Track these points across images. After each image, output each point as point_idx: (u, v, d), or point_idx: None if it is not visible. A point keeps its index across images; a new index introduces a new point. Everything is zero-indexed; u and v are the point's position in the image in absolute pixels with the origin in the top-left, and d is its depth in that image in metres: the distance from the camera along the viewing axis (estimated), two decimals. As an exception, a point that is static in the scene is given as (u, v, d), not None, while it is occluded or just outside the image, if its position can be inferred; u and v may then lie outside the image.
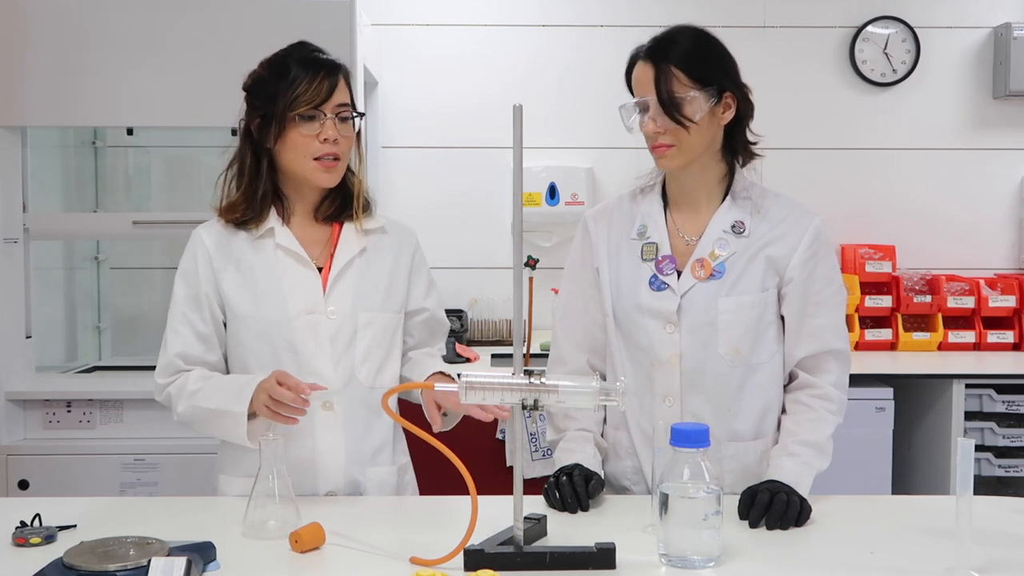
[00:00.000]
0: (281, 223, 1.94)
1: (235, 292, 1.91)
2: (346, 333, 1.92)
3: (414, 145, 4.01)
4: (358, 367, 1.93)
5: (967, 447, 1.39)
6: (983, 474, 3.36)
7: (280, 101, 1.86)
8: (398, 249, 2.02)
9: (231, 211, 1.94)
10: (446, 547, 1.49)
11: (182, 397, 1.88)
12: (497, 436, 3.35)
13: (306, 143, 1.88)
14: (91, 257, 3.78)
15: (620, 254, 1.95)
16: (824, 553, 1.57)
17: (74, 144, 3.70)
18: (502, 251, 3.98)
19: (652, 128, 1.84)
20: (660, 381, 1.89)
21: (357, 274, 1.95)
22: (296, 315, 1.90)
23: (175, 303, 1.93)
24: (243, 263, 1.92)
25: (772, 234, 1.90)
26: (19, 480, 3.06)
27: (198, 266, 1.92)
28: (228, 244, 1.93)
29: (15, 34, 3.07)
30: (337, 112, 1.89)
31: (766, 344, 1.90)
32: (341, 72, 1.92)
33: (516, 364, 1.50)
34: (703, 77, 1.83)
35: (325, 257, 1.96)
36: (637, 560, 1.50)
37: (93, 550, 1.46)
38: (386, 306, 1.97)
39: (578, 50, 3.95)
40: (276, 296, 1.90)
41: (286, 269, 1.92)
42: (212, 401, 1.84)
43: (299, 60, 1.89)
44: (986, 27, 3.99)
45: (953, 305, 3.78)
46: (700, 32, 1.88)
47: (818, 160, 4.01)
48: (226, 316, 1.93)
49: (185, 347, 1.91)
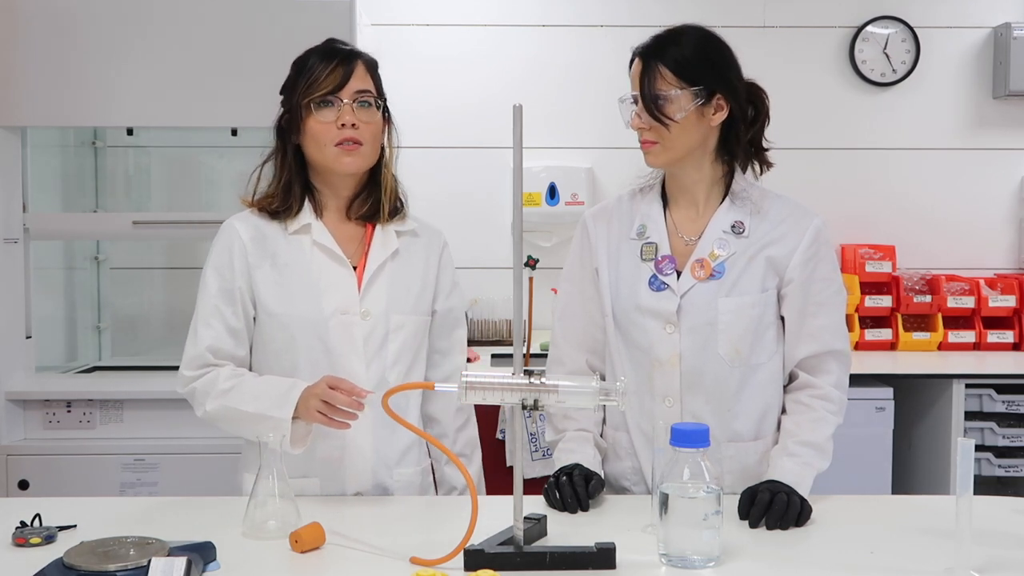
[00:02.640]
0: (316, 218, 1.94)
1: (269, 289, 1.90)
2: (379, 335, 1.92)
3: (414, 145, 4.00)
4: (389, 369, 1.93)
5: (967, 447, 1.39)
6: (983, 474, 3.36)
7: (299, 91, 1.89)
8: (427, 251, 2.03)
9: (265, 199, 1.94)
10: (446, 547, 1.49)
11: (211, 395, 1.85)
12: (497, 436, 3.35)
13: (325, 130, 1.88)
14: (91, 257, 3.78)
15: (620, 254, 1.95)
16: (824, 553, 1.57)
17: (74, 144, 3.70)
18: (502, 251, 3.97)
19: (637, 123, 1.86)
20: (660, 381, 1.89)
21: (390, 276, 1.95)
22: (331, 314, 1.89)
23: (207, 295, 1.90)
24: (279, 259, 1.91)
25: (772, 235, 1.90)
26: (19, 480, 3.06)
27: (233, 259, 1.90)
28: (264, 238, 1.92)
29: (15, 34, 3.07)
30: (356, 98, 1.89)
31: (766, 345, 1.90)
32: (361, 59, 1.92)
33: (516, 364, 1.50)
34: (691, 77, 1.83)
35: (359, 256, 1.96)
36: (637, 560, 1.50)
37: (93, 550, 1.46)
38: (417, 309, 1.98)
39: (578, 50, 3.95)
40: (311, 294, 1.89)
41: (322, 267, 1.91)
42: (250, 404, 1.81)
43: (319, 52, 1.92)
44: (986, 27, 3.99)
45: (953, 305, 3.78)
46: (702, 32, 1.88)
47: (818, 160, 4.01)
48: (257, 312, 1.92)
49: (216, 340, 1.88)
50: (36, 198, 3.25)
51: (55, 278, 3.60)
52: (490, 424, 3.36)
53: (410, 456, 1.99)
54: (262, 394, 1.82)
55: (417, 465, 2.00)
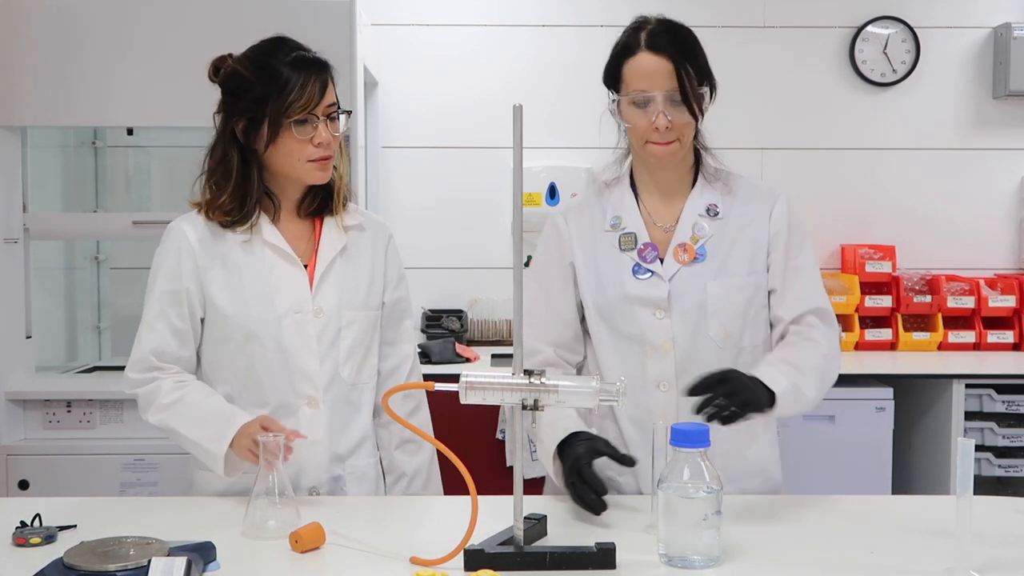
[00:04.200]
0: (269, 221, 1.93)
1: (221, 291, 1.90)
2: (331, 332, 1.93)
3: (414, 145, 4.01)
4: (342, 365, 1.94)
5: (967, 447, 1.39)
6: (983, 474, 3.36)
7: (272, 106, 1.83)
8: (374, 245, 2.03)
9: (220, 212, 1.90)
10: (446, 547, 1.49)
11: (153, 407, 1.86)
12: (497, 436, 3.35)
13: (300, 147, 1.86)
14: (91, 257, 3.78)
15: (596, 247, 1.95)
16: (824, 553, 1.57)
17: (74, 144, 3.70)
18: (502, 251, 3.97)
19: (664, 122, 1.83)
20: (653, 368, 1.89)
21: (340, 273, 1.96)
22: (284, 314, 1.90)
23: (152, 298, 1.90)
24: (229, 260, 1.90)
25: (746, 216, 1.93)
26: (19, 480, 3.06)
27: (182, 262, 1.90)
28: (212, 239, 1.91)
29: (15, 34, 3.07)
30: (328, 113, 1.88)
31: (758, 327, 1.92)
32: (329, 69, 1.90)
33: (516, 364, 1.50)
34: (705, 73, 1.87)
35: (309, 254, 1.96)
36: (637, 560, 1.50)
37: (93, 550, 1.46)
38: (368, 304, 1.99)
39: (578, 50, 3.94)
40: (263, 295, 1.90)
41: (273, 267, 1.91)
42: (188, 429, 1.83)
43: (289, 62, 1.85)
44: (986, 27, 3.99)
45: (953, 305, 3.79)
46: (688, 28, 1.90)
47: (818, 160, 4.01)
48: (206, 313, 1.92)
49: (160, 343, 1.89)
50: (36, 198, 3.26)
51: (55, 278, 3.60)
52: (490, 424, 3.37)
53: (364, 448, 1.99)
54: (201, 422, 1.83)
55: (371, 457, 2.01)
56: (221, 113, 1.91)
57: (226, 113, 1.90)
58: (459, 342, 3.67)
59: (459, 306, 3.93)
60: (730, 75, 3.74)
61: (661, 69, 1.83)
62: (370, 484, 2.00)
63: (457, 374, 1.50)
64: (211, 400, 1.87)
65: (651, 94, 1.83)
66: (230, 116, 1.89)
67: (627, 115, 1.88)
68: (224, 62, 1.91)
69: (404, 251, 2.13)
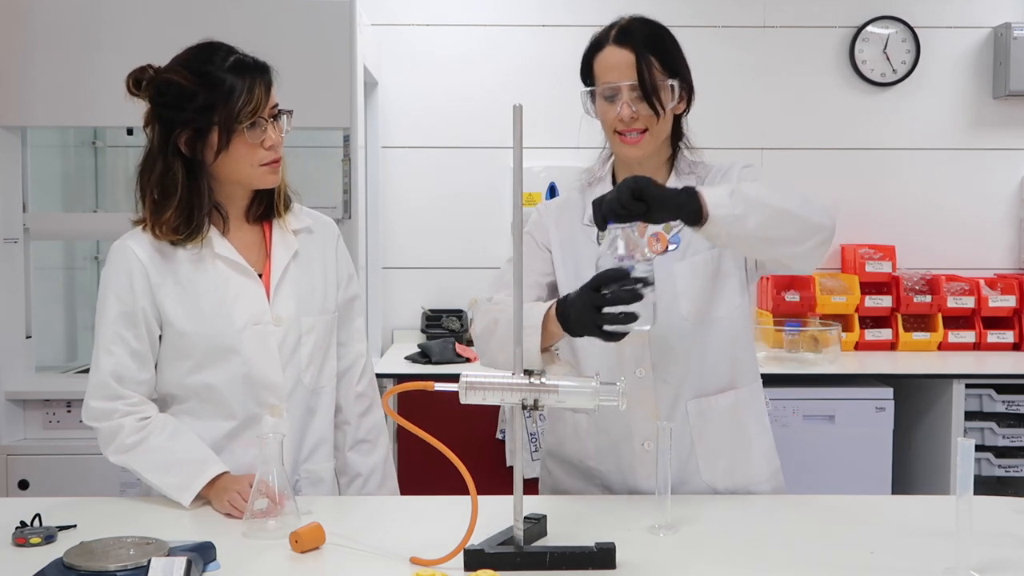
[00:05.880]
0: (219, 233, 1.89)
1: (176, 308, 1.85)
2: (292, 340, 1.91)
3: (414, 145, 4.01)
4: (303, 371, 1.93)
5: (967, 447, 1.39)
6: (983, 474, 3.36)
7: (221, 113, 1.78)
8: (324, 247, 2.01)
9: (166, 230, 1.83)
10: (446, 547, 1.49)
11: (113, 446, 1.83)
12: (497, 436, 3.35)
13: (251, 152, 1.83)
14: (91, 257, 3.78)
15: (575, 240, 1.96)
16: (824, 553, 1.57)
17: (74, 144, 3.70)
18: (502, 251, 3.97)
19: (628, 113, 1.84)
20: (630, 353, 1.90)
21: (295, 279, 1.94)
22: (243, 326, 1.86)
23: (105, 321, 1.84)
24: (181, 276, 1.86)
25: None
26: (19, 480, 3.06)
27: (133, 281, 1.84)
28: (162, 256, 1.86)
29: (16, 34, 3.07)
30: (272, 114, 1.85)
31: (728, 296, 1.91)
32: (270, 72, 1.86)
33: (516, 364, 1.50)
34: (673, 68, 1.86)
35: (262, 261, 1.93)
36: (637, 560, 1.50)
37: (93, 550, 1.46)
38: (324, 308, 1.97)
39: (577, 50, 3.92)
40: (220, 309, 1.86)
41: (228, 279, 1.88)
42: (152, 475, 1.81)
43: (229, 68, 1.80)
44: (986, 27, 3.99)
45: (953, 305, 3.79)
46: (662, 26, 1.90)
47: (818, 160, 4.01)
48: (163, 331, 1.87)
49: (118, 367, 1.84)
50: (36, 198, 3.26)
51: (55, 278, 3.61)
52: (490, 424, 3.37)
53: (321, 451, 1.98)
54: (165, 468, 1.80)
55: (327, 461, 2.00)
56: (153, 125, 1.84)
57: (163, 126, 1.83)
58: (459, 342, 3.67)
59: (459, 306, 3.93)
60: (730, 75, 3.78)
61: (625, 61, 1.84)
62: (326, 488, 1.98)
63: (457, 374, 1.50)
64: (178, 442, 1.83)
65: (616, 85, 1.84)
66: (170, 128, 1.82)
67: (598, 108, 1.90)
68: (144, 73, 1.84)
69: (404, 251, 2.14)
